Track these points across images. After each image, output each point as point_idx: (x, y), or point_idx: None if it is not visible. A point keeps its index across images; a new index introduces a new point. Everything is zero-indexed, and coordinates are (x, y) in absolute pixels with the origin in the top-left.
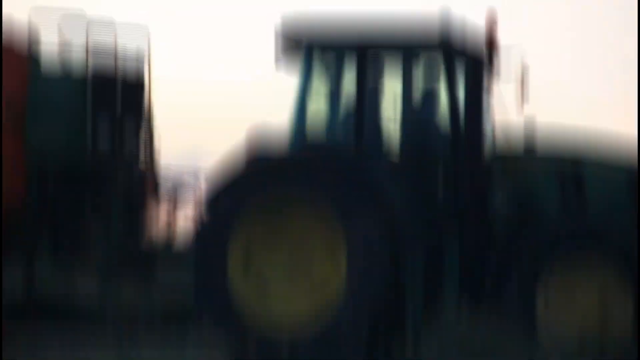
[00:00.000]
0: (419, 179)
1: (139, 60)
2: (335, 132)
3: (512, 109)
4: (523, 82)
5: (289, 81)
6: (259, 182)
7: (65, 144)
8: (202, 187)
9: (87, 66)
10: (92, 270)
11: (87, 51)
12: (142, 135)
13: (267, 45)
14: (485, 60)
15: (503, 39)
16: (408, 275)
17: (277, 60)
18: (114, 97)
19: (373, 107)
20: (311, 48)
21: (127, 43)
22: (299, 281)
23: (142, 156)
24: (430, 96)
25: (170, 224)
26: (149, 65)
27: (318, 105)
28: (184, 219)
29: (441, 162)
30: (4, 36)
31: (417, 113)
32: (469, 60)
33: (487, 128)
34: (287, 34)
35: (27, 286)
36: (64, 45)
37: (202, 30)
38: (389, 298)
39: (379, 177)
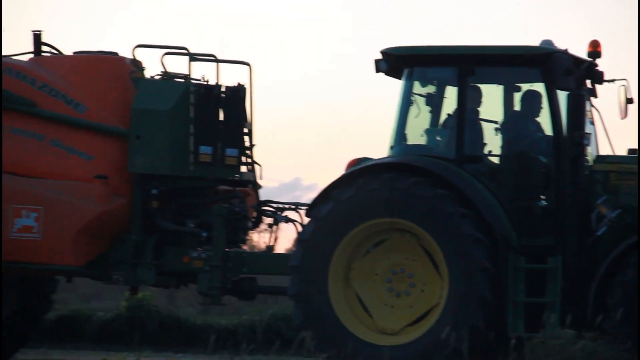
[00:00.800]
0: (520, 189)
1: (240, 92)
2: (436, 147)
3: (613, 142)
4: (626, 114)
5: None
6: (361, 198)
7: (169, 154)
8: (301, 218)
9: (189, 82)
10: (193, 291)
11: (190, 81)
12: (243, 150)
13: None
14: (589, 92)
15: (608, 71)
16: (510, 287)
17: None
18: (216, 110)
19: (472, 121)
20: (412, 71)
21: (229, 78)
22: (399, 292)
23: (244, 172)
24: (531, 101)
25: (270, 249)
26: (251, 98)
27: (419, 125)
28: (281, 247)
29: (542, 169)
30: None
31: (517, 120)
32: (572, 91)
33: (589, 157)
34: (390, 59)
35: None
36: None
37: (299, 66)
38: (491, 308)
39: (477, 188)
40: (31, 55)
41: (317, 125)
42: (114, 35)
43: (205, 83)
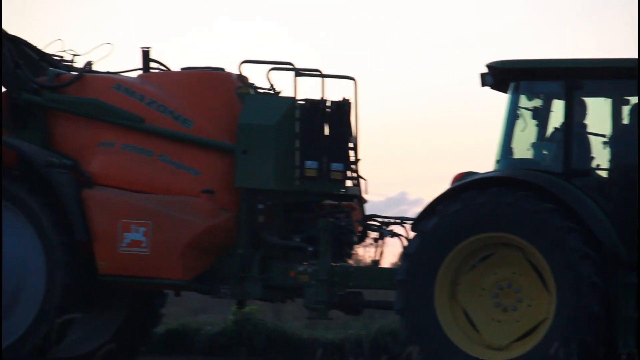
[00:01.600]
0: (628, 203)
1: (345, 107)
2: (542, 161)
3: None
4: None
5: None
6: (467, 213)
7: (274, 169)
8: (407, 233)
9: (295, 97)
10: (300, 305)
11: (295, 95)
12: (349, 165)
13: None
14: None
15: None
16: (620, 302)
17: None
18: (321, 124)
19: (580, 135)
20: (518, 85)
21: (334, 93)
22: (506, 307)
23: (349, 186)
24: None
25: (376, 263)
26: (356, 113)
27: (525, 139)
28: (387, 261)
29: None
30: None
31: (626, 133)
32: None
33: None
34: (496, 73)
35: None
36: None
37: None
38: (600, 324)
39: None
40: (140, 72)
41: (423, 140)
42: (219, 51)
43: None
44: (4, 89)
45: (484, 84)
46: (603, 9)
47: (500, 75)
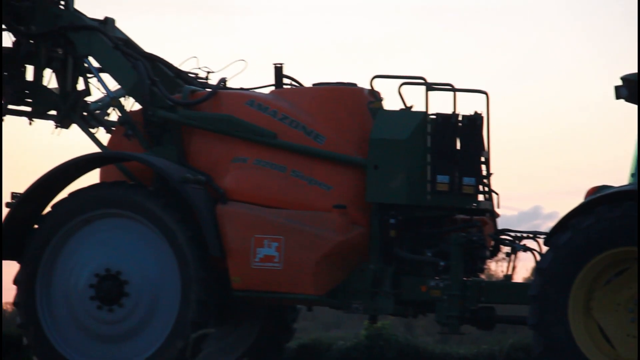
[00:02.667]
0: None
1: (477, 121)
2: None
3: None
4: None
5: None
6: (601, 227)
7: (406, 184)
8: (540, 247)
9: (426, 111)
10: (431, 320)
11: (426, 110)
12: (480, 179)
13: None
14: None
15: None
16: None
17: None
18: (453, 139)
19: None
20: None
21: (466, 107)
22: None
23: (481, 200)
24: None
25: (508, 278)
26: (488, 127)
27: None
28: (519, 276)
29: None
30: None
31: None
32: None
33: None
34: (631, 85)
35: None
36: (405, 108)
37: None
38: None
39: None
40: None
41: (556, 153)
42: (351, 68)
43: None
44: (139, 106)
45: (618, 96)
46: None
47: (635, 88)
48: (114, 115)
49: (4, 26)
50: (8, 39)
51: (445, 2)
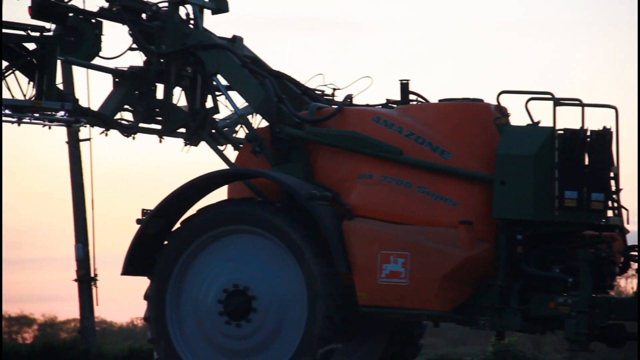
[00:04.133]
0: None
1: (607, 136)
2: None
3: None
4: None
5: None
6: None
7: (533, 200)
8: None
9: (554, 127)
10: (560, 337)
11: (554, 125)
12: (609, 195)
13: None
14: None
15: None
16: None
17: None
18: (581, 154)
19: None
20: None
21: (594, 122)
22: None
23: (610, 216)
24: None
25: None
26: (617, 142)
27: None
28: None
29: None
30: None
31: None
32: None
33: None
34: None
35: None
36: (532, 124)
37: None
38: None
39: None
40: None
41: None
42: (473, 82)
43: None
44: (267, 123)
45: None
46: None
47: None
48: (241, 132)
49: (134, 45)
50: (139, 59)
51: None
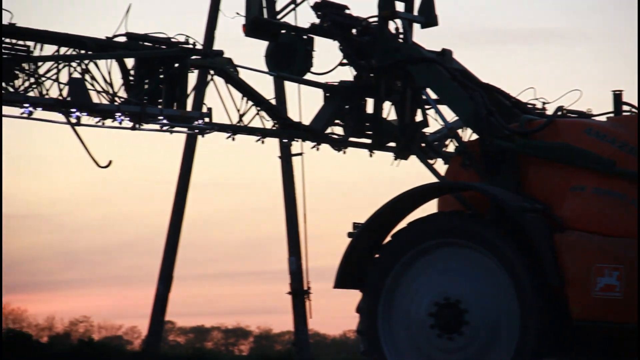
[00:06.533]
0: None
1: None
2: None
3: None
4: None
5: None
6: None
7: None
8: None
9: None
10: None
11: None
12: None
13: None
14: None
15: None
16: None
17: None
18: None
19: None
20: None
21: None
22: None
23: None
24: None
25: None
26: None
27: None
28: None
29: None
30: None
31: None
32: None
33: None
34: None
35: None
36: None
37: None
38: None
39: None
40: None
41: None
42: None
43: None
44: (476, 136)
45: None
46: None
47: None
48: (451, 146)
49: (345, 60)
50: (350, 74)
51: None
